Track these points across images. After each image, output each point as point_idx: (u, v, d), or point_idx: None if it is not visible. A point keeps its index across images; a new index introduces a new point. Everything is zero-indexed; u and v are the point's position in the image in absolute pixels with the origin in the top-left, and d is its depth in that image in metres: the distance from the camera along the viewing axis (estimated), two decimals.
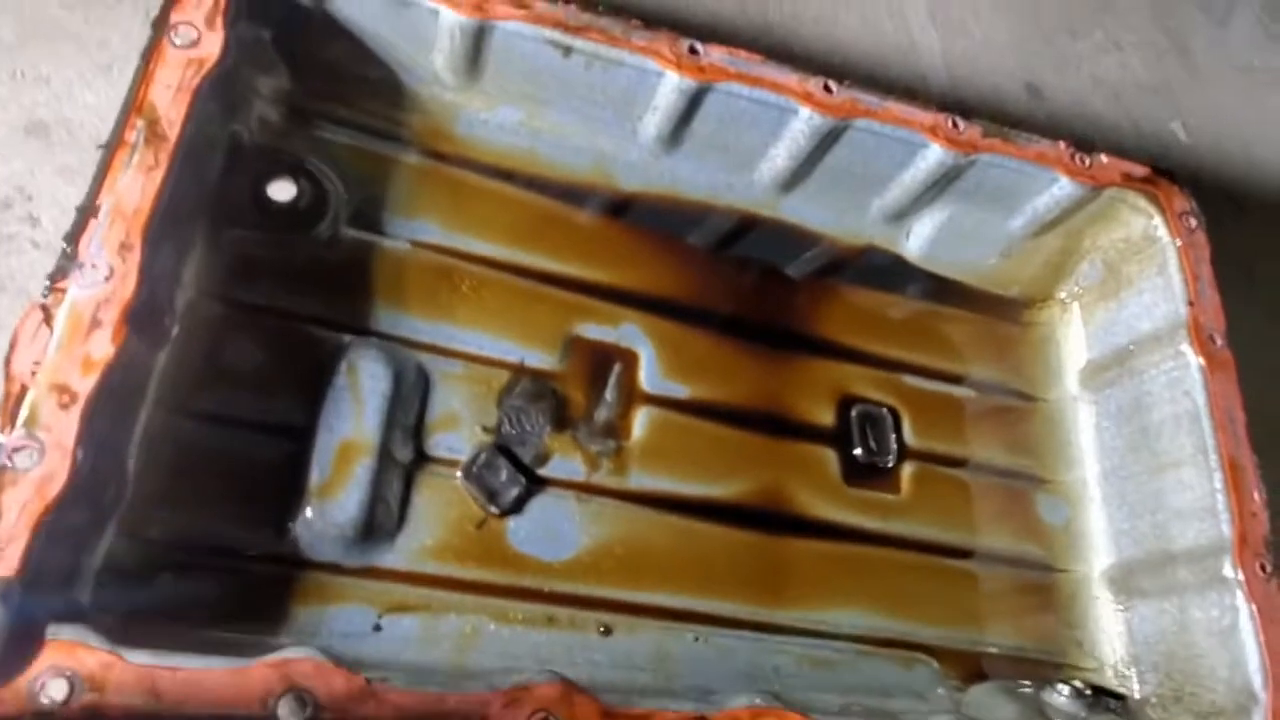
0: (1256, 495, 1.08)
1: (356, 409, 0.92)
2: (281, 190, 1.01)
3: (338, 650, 0.74)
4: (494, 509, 0.97)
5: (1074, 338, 1.35)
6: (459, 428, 0.99)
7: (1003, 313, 1.39)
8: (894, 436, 1.22)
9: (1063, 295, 1.37)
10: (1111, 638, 1.18)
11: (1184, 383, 1.15)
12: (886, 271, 1.34)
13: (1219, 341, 1.16)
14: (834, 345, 1.25)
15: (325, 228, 1.02)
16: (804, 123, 1.13)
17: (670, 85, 1.09)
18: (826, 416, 1.20)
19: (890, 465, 1.20)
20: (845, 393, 1.22)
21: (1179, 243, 1.21)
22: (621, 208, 1.21)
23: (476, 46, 1.07)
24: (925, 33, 1.79)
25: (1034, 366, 1.36)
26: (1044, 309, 1.38)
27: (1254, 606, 1.01)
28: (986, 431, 1.29)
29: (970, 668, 1.14)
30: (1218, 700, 1.02)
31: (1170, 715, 1.08)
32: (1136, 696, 1.12)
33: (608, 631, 0.97)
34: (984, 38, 1.84)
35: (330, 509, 0.88)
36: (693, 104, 1.11)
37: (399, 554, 0.92)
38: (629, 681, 0.93)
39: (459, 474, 0.97)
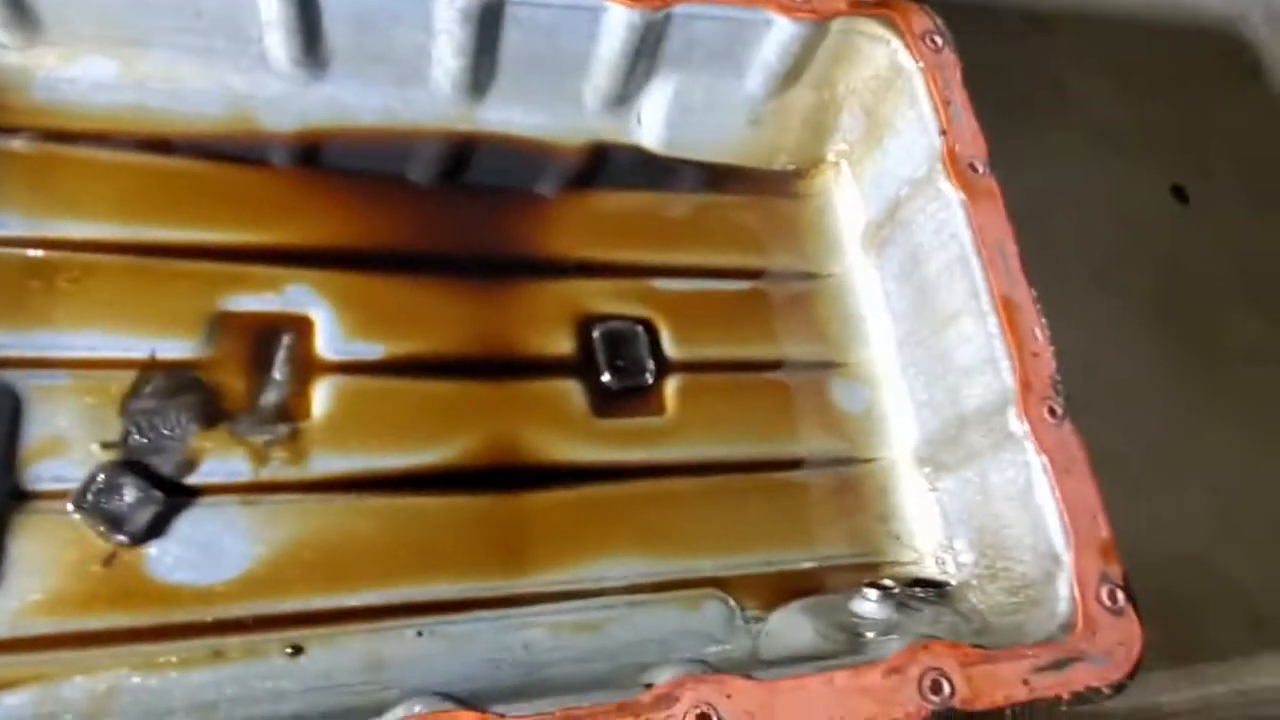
0: (1038, 333, 0.94)
1: None
2: None
3: None
4: (122, 538, 0.79)
5: (850, 201, 1.20)
6: (68, 451, 0.81)
7: (775, 189, 1.23)
8: (649, 352, 1.06)
9: (831, 156, 1.21)
10: (926, 523, 1.05)
11: (949, 223, 1.01)
12: (638, 171, 1.17)
13: (980, 169, 1.01)
14: (565, 263, 1.08)
15: None
16: (447, 7, 0.94)
17: None
18: (564, 345, 1.04)
19: (648, 384, 1.05)
20: (584, 313, 1.06)
21: (922, 65, 1.06)
22: (306, 155, 1.03)
23: None
24: None
25: (816, 241, 1.21)
26: (817, 175, 1.22)
27: (1045, 458, 0.88)
28: (768, 324, 1.14)
29: (777, 592, 1.00)
30: (1026, 571, 0.90)
31: (987, 596, 0.95)
32: (954, 583, 1.00)
33: (298, 651, 0.81)
34: None
35: None
36: (305, 6, 0.93)
37: None
38: (321, 705, 0.78)
39: (70, 506, 0.79)
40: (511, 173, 1.12)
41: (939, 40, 1.07)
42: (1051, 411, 0.91)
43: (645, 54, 1.05)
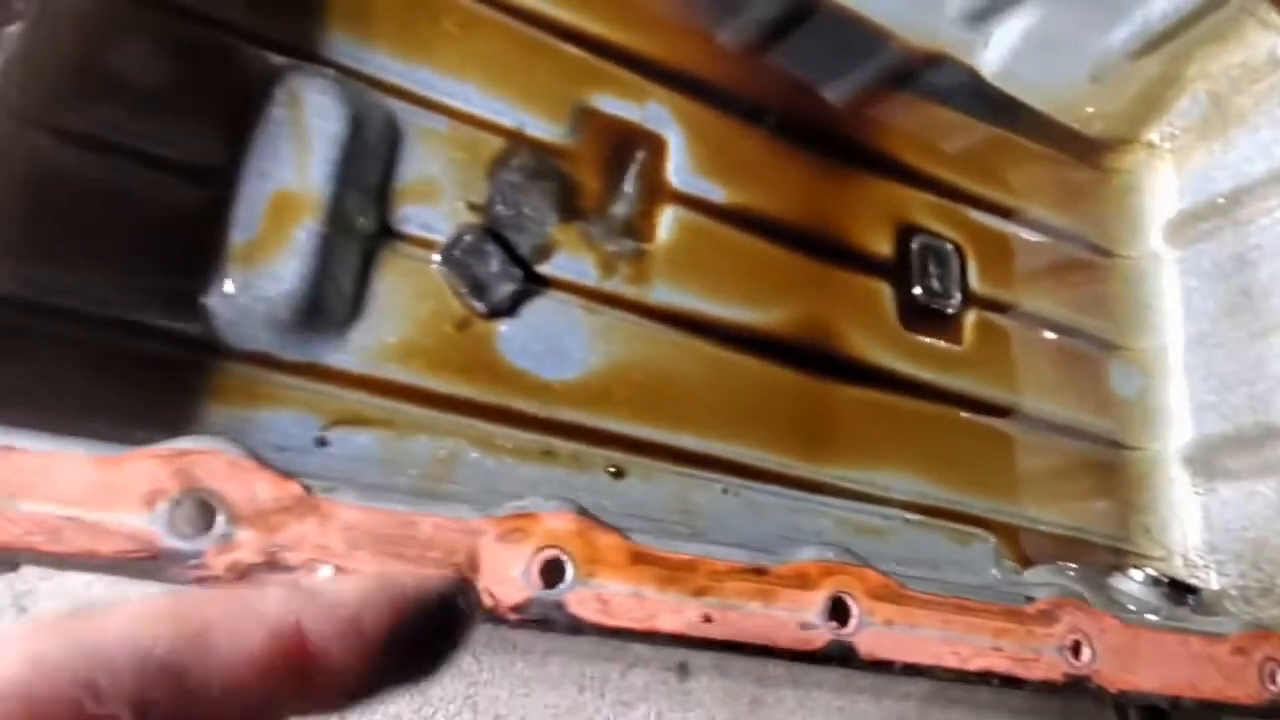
0: None
1: (299, 153, 0.67)
2: None
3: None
4: (480, 307, 0.74)
5: (1162, 187, 1.15)
6: (437, 200, 0.75)
7: (1081, 154, 1.17)
8: (961, 278, 1.02)
9: (1153, 137, 1.16)
10: (1185, 524, 1.02)
11: None
12: (955, 91, 1.11)
13: None
14: (895, 164, 1.03)
15: None
16: None
17: None
18: (884, 245, 0.99)
19: (953, 311, 1.00)
20: (905, 221, 1.01)
21: None
22: None
23: None
24: None
25: (1113, 219, 1.16)
26: (1128, 153, 1.17)
27: None
28: (1057, 286, 1.10)
29: (1025, 548, 0.97)
30: None
31: (1257, 609, 0.93)
32: (1213, 588, 0.98)
33: (619, 473, 0.76)
34: None
35: (259, 279, 0.64)
36: None
37: (352, 352, 0.69)
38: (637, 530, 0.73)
39: (436, 258, 0.73)
40: (835, 53, 1.05)
41: None
42: None
43: None
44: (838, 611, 0.60)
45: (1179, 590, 0.95)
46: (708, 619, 0.56)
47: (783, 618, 0.58)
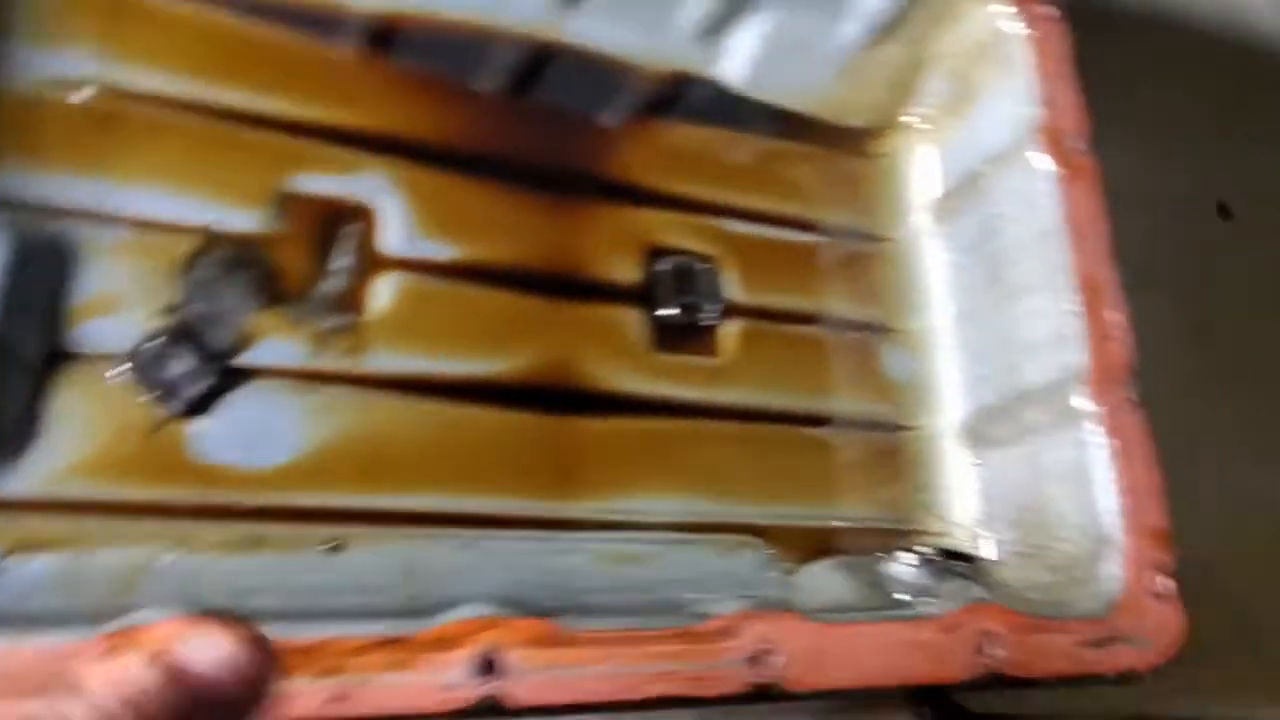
0: (1115, 315, 0.93)
1: None
2: None
3: None
4: (172, 409, 0.76)
5: (924, 165, 1.17)
6: (122, 311, 0.77)
7: (846, 145, 1.20)
8: (714, 291, 1.04)
9: (910, 118, 1.18)
10: (963, 497, 1.04)
11: (1036, 196, 0.99)
12: (713, 106, 1.13)
13: (1078, 146, 0.99)
14: (639, 189, 1.05)
15: None
16: None
17: None
18: (629, 273, 1.01)
19: (709, 324, 1.02)
20: (653, 244, 1.03)
21: (1032, 34, 1.03)
22: (379, 38, 0.97)
23: None
24: None
25: (881, 202, 1.18)
26: (890, 136, 1.19)
27: (1109, 441, 0.87)
28: (828, 280, 1.12)
29: (810, 547, 0.99)
30: (1071, 550, 0.89)
31: (1026, 574, 0.95)
32: (993, 556, 1.00)
33: (338, 548, 0.78)
34: None
35: None
36: None
37: (28, 477, 0.71)
38: (355, 605, 0.76)
39: (121, 369, 0.76)
40: (586, 90, 1.07)
41: (1048, 10, 1.04)
42: (1120, 396, 0.90)
43: None
44: (486, 667, 0.63)
45: (953, 559, 0.98)
46: (338, 698, 0.59)
47: (423, 683, 0.61)
